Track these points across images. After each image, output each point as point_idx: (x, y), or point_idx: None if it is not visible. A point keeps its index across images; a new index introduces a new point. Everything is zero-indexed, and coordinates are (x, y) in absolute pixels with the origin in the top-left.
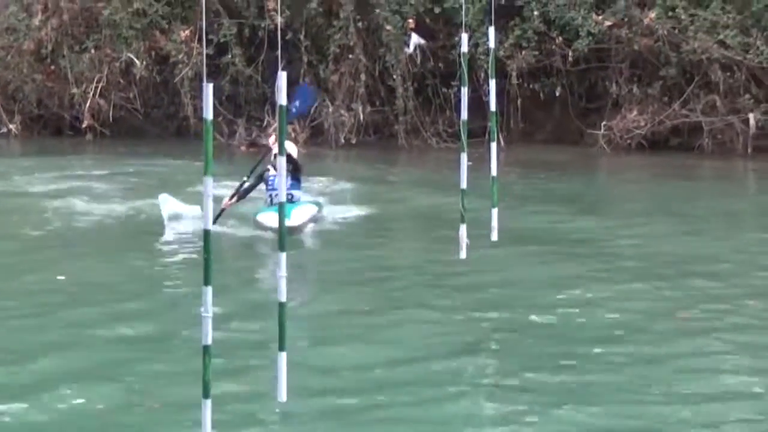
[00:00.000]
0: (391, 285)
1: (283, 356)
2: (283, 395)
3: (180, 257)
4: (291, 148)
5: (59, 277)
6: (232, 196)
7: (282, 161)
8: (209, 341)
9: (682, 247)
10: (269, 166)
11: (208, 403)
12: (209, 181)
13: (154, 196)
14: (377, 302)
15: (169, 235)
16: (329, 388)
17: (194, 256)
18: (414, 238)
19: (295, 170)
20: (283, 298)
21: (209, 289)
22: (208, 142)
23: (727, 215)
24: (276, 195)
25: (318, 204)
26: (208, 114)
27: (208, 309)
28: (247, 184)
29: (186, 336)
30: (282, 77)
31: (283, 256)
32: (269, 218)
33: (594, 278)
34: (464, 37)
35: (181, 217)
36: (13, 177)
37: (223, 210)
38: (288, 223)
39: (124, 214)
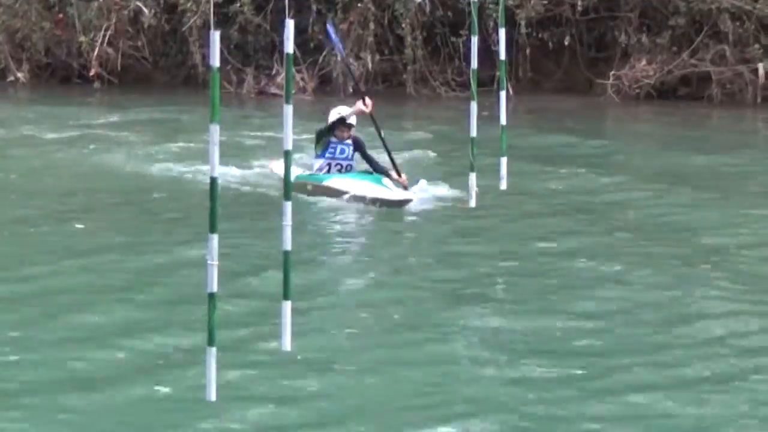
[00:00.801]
0: (399, 231)
1: (287, 305)
2: (287, 344)
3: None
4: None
5: (78, 225)
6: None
7: (288, 110)
8: (215, 288)
9: (682, 209)
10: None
11: (213, 350)
12: (216, 128)
13: (165, 143)
14: (384, 249)
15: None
16: (334, 334)
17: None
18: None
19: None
20: (288, 247)
21: (215, 237)
22: (215, 89)
23: (733, 171)
24: (336, 164)
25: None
26: (215, 62)
27: (214, 257)
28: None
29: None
30: (290, 25)
31: (288, 204)
32: (365, 188)
33: (591, 232)
34: None
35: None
36: (24, 125)
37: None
38: (395, 196)
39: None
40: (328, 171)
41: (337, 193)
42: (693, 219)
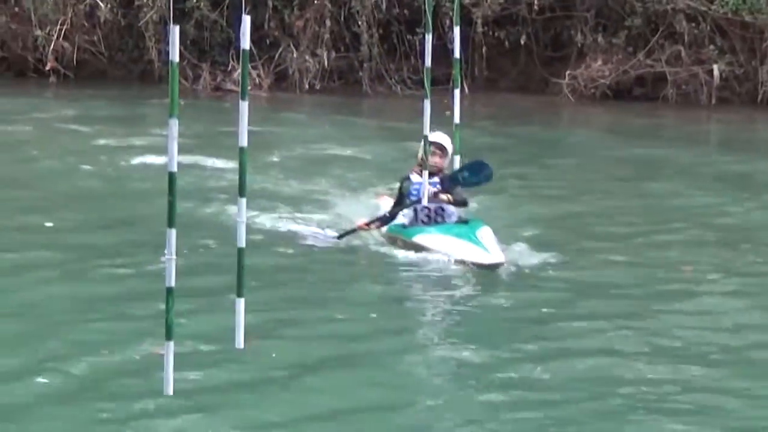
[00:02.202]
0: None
1: (241, 302)
2: (240, 342)
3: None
4: (445, 141)
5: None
6: (372, 222)
7: (244, 106)
8: (172, 283)
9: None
10: (411, 173)
11: (171, 345)
12: (174, 122)
13: (122, 136)
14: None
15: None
16: (288, 335)
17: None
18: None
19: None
20: (242, 244)
21: (173, 232)
22: (174, 84)
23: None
24: (422, 208)
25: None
26: (174, 56)
27: (172, 252)
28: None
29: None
30: (246, 21)
31: (243, 201)
32: (449, 245)
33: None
34: None
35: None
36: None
37: (355, 230)
38: (487, 258)
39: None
40: (415, 217)
41: (427, 249)
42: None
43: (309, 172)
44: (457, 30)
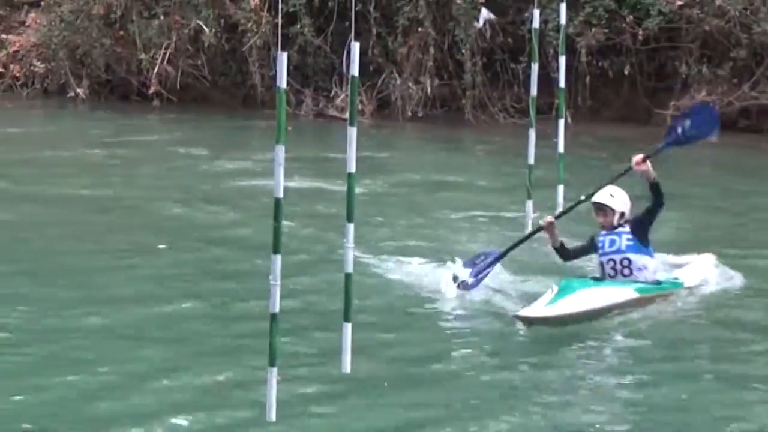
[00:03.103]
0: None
1: (348, 327)
2: (347, 366)
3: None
4: (604, 199)
5: (160, 246)
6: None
7: (352, 132)
8: (276, 309)
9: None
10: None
11: (274, 371)
12: (281, 149)
13: (226, 160)
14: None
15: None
16: (395, 357)
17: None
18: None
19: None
20: (350, 269)
21: (278, 258)
22: (281, 111)
23: None
24: (608, 260)
25: (676, 284)
26: (282, 83)
27: (277, 277)
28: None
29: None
30: (355, 48)
31: (351, 226)
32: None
33: None
34: (536, 12)
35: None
36: (84, 141)
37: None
38: (534, 311)
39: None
40: (603, 273)
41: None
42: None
43: (423, 199)
44: (562, 60)
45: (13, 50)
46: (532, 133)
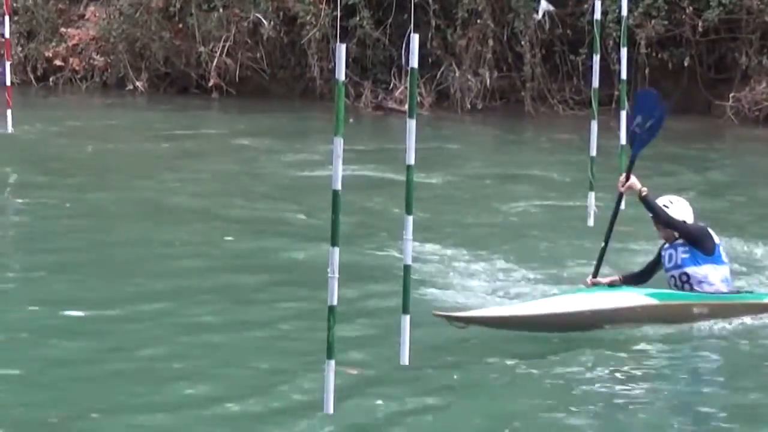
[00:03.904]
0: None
1: (406, 319)
2: (405, 358)
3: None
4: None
5: (226, 238)
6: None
7: (411, 124)
8: (335, 302)
9: None
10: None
11: (332, 363)
12: (339, 141)
13: (287, 152)
14: (502, 260)
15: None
16: (453, 350)
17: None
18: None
19: (688, 235)
20: (408, 261)
21: (336, 250)
22: (339, 103)
23: None
24: (670, 277)
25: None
26: (341, 75)
27: (335, 270)
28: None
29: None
30: (415, 40)
31: (410, 218)
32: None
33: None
34: (597, 4)
35: None
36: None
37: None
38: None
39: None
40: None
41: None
42: None
43: (485, 191)
44: (624, 51)
45: (73, 44)
46: (594, 125)
